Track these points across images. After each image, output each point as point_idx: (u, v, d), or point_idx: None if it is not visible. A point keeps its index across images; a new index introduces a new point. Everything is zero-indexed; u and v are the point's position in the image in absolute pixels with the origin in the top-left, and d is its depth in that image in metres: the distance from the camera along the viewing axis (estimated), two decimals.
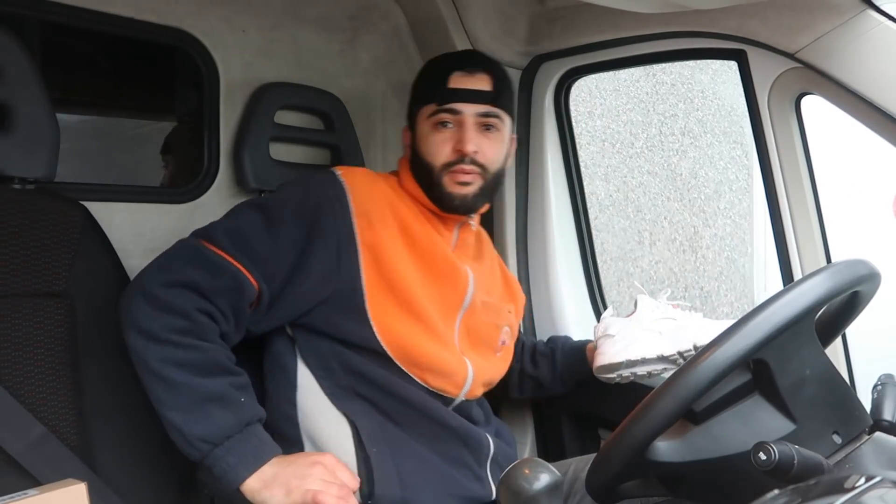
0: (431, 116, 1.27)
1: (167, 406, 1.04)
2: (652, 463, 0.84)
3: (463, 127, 1.26)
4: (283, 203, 1.18)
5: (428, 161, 1.27)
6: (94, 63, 2.04)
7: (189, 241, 1.15)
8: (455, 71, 1.28)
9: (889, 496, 0.63)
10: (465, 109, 1.26)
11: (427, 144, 1.28)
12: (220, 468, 1.03)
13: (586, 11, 1.52)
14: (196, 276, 1.08)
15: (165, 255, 1.13)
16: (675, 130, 4.50)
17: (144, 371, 1.05)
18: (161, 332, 1.05)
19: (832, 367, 0.88)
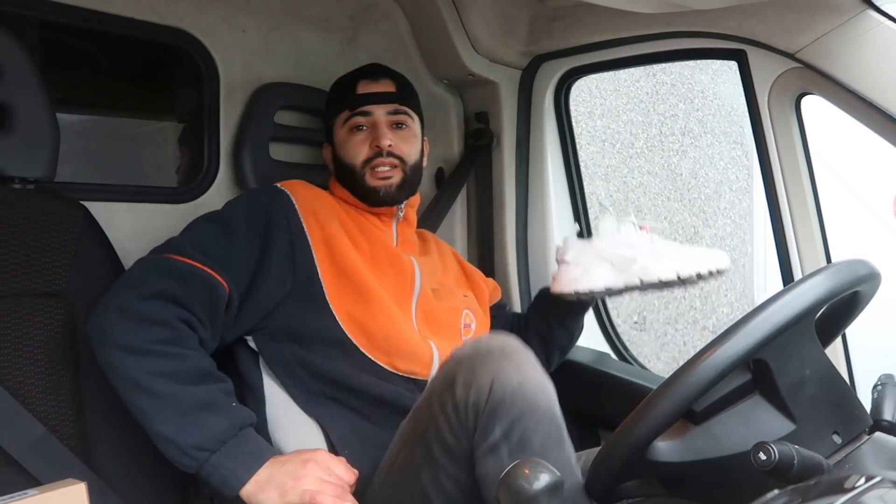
0: (346, 122, 1.37)
1: (156, 420, 1.03)
2: (652, 463, 0.84)
3: (376, 126, 1.36)
4: (234, 212, 1.23)
5: (349, 162, 1.36)
6: (94, 63, 2.03)
7: (151, 257, 1.15)
8: (361, 80, 1.40)
9: (889, 496, 0.63)
10: (375, 110, 1.37)
11: (346, 148, 1.37)
12: (219, 475, 1.02)
13: (586, 11, 1.52)
14: (169, 286, 1.08)
15: (130, 275, 1.12)
16: (676, 131, 4.50)
17: (127, 387, 1.03)
18: (143, 344, 1.04)
19: (832, 367, 0.88)
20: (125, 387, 1.04)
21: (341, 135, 1.39)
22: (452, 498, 1.02)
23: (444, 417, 0.99)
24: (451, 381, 0.98)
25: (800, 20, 1.21)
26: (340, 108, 1.39)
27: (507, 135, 1.75)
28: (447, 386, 0.99)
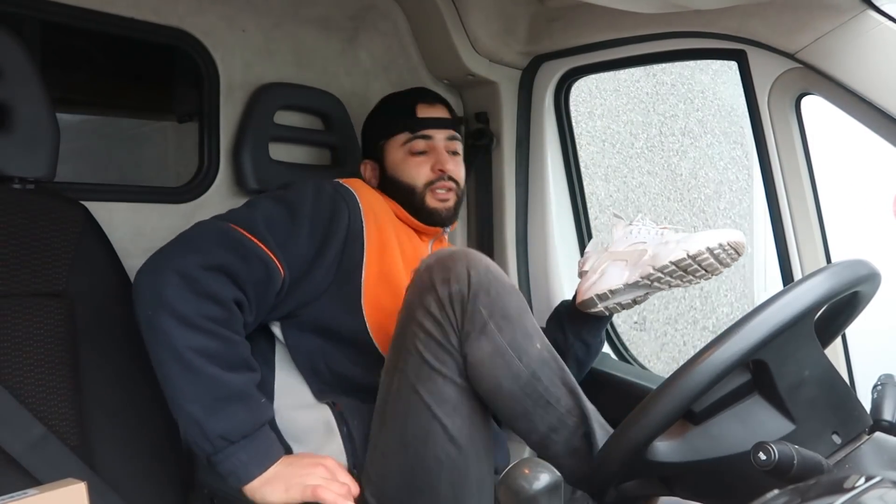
0: (406, 144, 1.41)
1: (187, 397, 1.03)
2: (651, 463, 0.84)
3: (436, 150, 1.41)
4: (302, 199, 1.22)
5: (409, 183, 1.39)
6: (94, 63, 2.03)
7: (217, 223, 1.13)
8: (419, 102, 1.44)
9: (889, 496, 0.63)
10: (435, 135, 1.41)
11: (405, 169, 1.40)
12: (230, 465, 1.03)
13: (586, 11, 1.52)
14: (231, 261, 1.07)
15: (192, 236, 1.10)
16: (676, 131, 4.50)
17: (167, 355, 1.03)
18: (196, 318, 1.03)
19: (831, 367, 0.88)
20: (164, 354, 1.03)
21: (397, 155, 1.41)
22: (454, 403, 1.06)
23: (431, 320, 1.05)
24: (428, 285, 1.06)
25: (800, 20, 1.21)
26: (398, 129, 1.42)
27: (507, 135, 1.75)
28: (426, 290, 1.06)
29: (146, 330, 1.04)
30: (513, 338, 1.05)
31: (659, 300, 4.18)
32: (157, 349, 1.04)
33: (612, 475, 0.84)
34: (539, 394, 1.05)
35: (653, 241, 1.28)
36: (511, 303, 1.07)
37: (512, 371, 1.04)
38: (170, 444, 1.25)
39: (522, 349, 1.05)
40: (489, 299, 1.05)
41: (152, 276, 1.04)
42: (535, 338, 1.08)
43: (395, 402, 1.08)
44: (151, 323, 1.03)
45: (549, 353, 1.09)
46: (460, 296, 1.04)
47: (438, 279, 1.06)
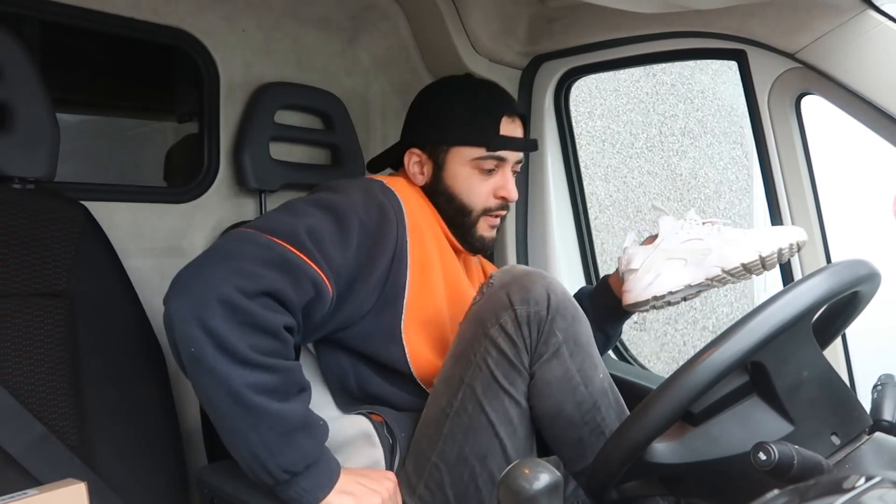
0: (478, 160, 1.25)
1: (247, 436, 0.95)
2: (650, 464, 0.84)
3: (504, 173, 1.28)
4: (350, 206, 1.11)
5: (466, 203, 1.26)
6: (94, 63, 2.04)
7: (255, 236, 1.00)
8: (504, 115, 1.27)
9: (889, 496, 0.63)
10: (509, 157, 1.27)
11: (468, 186, 1.26)
12: (294, 493, 0.99)
13: (586, 11, 1.52)
14: (280, 285, 0.97)
15: (231, 252, 0.98)
16: (675, 131, 4.50)
17: (222, 394, 0.93)
18: (248, 354, 0.93)
19: (830, 368, 0.88)
20: (217, 393, 0.93)
21: (463, 169, 1.26)
22: (515, 424, 1.06)
23: (505, 338, 1.03)
24: (505, 303, 1.04)
25: (800, 20, 1.21)
26: (476, 141, 1.25)
27: None
28: (502, 308, 1.04)
29: (191, 365, 0.93)
30: (582, 365, 1.05)
31: None
32: (208, 387, 0.94)
33: (611, 476, 0.84)
34: (596, 423, 1.05)
35: (712, 239, 1.21)
36: (583, 329, 1.07)
37: (577, 398, 1.05)
38: (170, 444, 1.25)
39: (589, 377, 1.05)
40: (566, 323, 1.04)
41: (192, 305, 0.92)
42: (599, 368, 1.08)
43: (459, 415, 1.06)
44: (198, 359, 0.92)
45: (609, 384, 1.08)
46: (538, 317, 1.03)
47: (517, 298, 1.03)
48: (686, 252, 1.22)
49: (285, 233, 1.01)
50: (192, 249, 1.51)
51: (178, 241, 1.50)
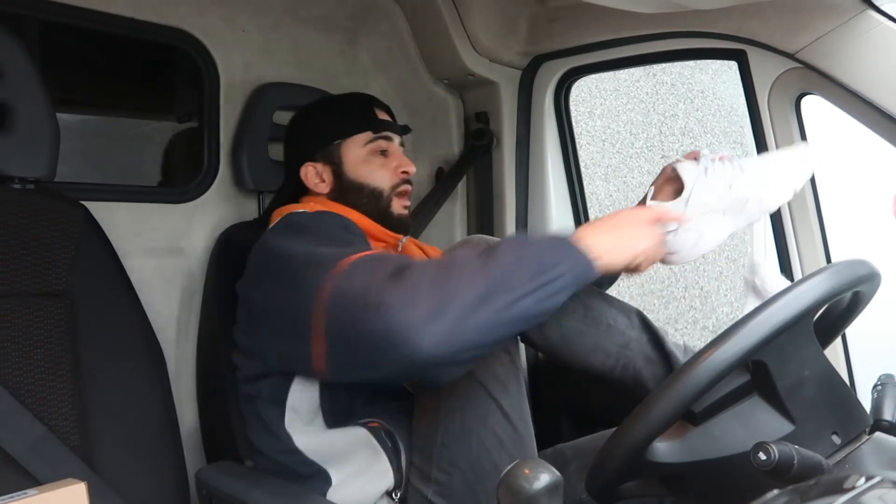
0: (369, 143, 1.34)
1: (513, 294, 0.90)
2: (651, 464, 0.84)
3: (396, 152, 1.37)
4: (340, 228, 1.18)
5: (376, 185, 1.33)
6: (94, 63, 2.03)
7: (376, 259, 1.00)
8: (374, 106, 1.38)
9: (889, 496, 0.63)
10: (394, 138, 1.38)
11: (371, 170, 1.33)
12: (572, 280, 0.96)
13: (586, 11, 1.52)
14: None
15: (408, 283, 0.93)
16: (675, 130, 4.50)
17: (492, 312, 0.89)
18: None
19: (831, 367, 0.88)
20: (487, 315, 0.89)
21: (359, 155, 1.34)
22: (503, 381, 1.07)
23: None
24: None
25: (800, 20, 1.21)
26: (360, 127, 1.34)
27: (507, 135, 1.75)
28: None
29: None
30: None
31: (659, 300, 4.18)
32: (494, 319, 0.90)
33: (612, 475, 0.84)
34: (598, 320, 1.10)
35: (742, 184, 1.13)
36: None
37: (568, 309, 1.07)
38: (170, 444, 1.25)
39: None
40: None
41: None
42: None
43: (451, 391, 1.07)
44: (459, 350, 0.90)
45: (587, 286, 1.08)
46: None
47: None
48: (723, 205, 1.14)
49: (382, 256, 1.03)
50: (191, 249, 1.51)
51: (178, 241, 1.50)
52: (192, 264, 1.50)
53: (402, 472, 1.12)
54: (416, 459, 1.11)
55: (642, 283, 4.13)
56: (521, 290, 0.91)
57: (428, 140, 1.83)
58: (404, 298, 0.89)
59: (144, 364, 1.25)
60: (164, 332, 1.38)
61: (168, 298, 1.48)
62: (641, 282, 4.13)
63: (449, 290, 0.89)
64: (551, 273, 0.93)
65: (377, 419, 1.16)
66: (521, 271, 0.92)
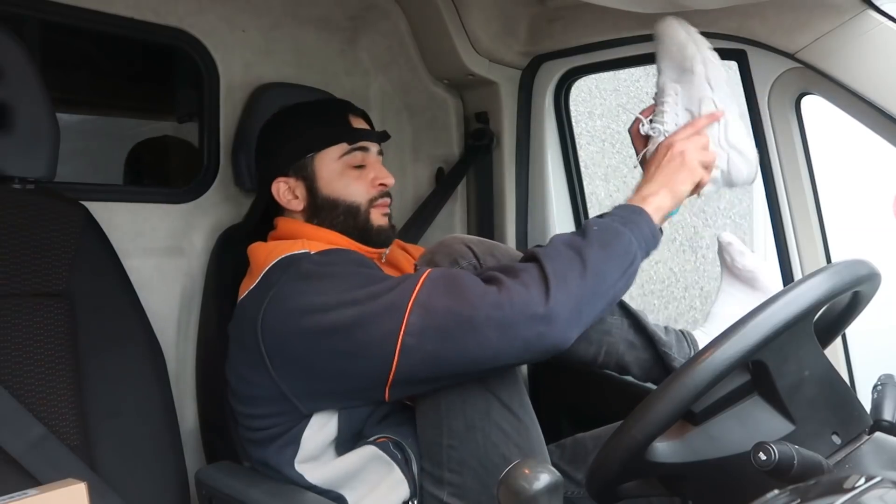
0: (344, 156, 1.27)
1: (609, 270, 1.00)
2: (651, 464, 0.84)
3: (372, 163, 1.30)
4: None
5: (352, 200, 1.26)
6: (94, 63, 2.04)
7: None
8: (349, 113, 1.31)
9: (889, 496, 0.63)
10: (371, 148, 1.30)
11: (346, 184, 1.27)
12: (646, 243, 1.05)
13: (586, 11, 1.52)
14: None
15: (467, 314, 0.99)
16: None
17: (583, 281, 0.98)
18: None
19: (831, 367, 0.88)
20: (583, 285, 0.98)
21: (334, 169, 1.27)
22: (496, 373, 1.07)
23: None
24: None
25: (800, 20, 1.21)
26: (334, 139, 1.27)
27: (507, 135, 1.75)
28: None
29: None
30: None
31: (659, 300, 4.18)
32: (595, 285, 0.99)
33: (612, 475, 0.84)
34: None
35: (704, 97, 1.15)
36: (512, 253, 1.15)
37: None
38: (170, 444, 1.25)
39: None
40: (496, 259, 1.11)
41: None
42: None
43: (450, 391, 1.07)
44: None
45: None
46: (472, 267, 1.09)
47: (447, 263, 1.10)
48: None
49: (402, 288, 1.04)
50: (191, 249, 1.51)
51: (178, 241, 1.50)
52: (192, 264, 1.50)
53: (415, 480, 1.11)
54: (426, 465, 1.11)
55: (642, 283, 4.13)
56: (615, 284, 1.01)
57: (428, 140, 1.83)
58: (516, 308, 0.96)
59: (144, 364, 1.25)
60: (164, 332, 1.38)
61: (168, 298, 1.48)
62: (641, 282, 4.13)
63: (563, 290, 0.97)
64: (632, 259, 1.02)
65: (384, 434, 1.15)
66: (612, 264, 1.00)
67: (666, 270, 4.36)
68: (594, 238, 1.01)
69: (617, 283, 1.01)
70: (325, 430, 1.14)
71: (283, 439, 1.14)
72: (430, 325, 0.98)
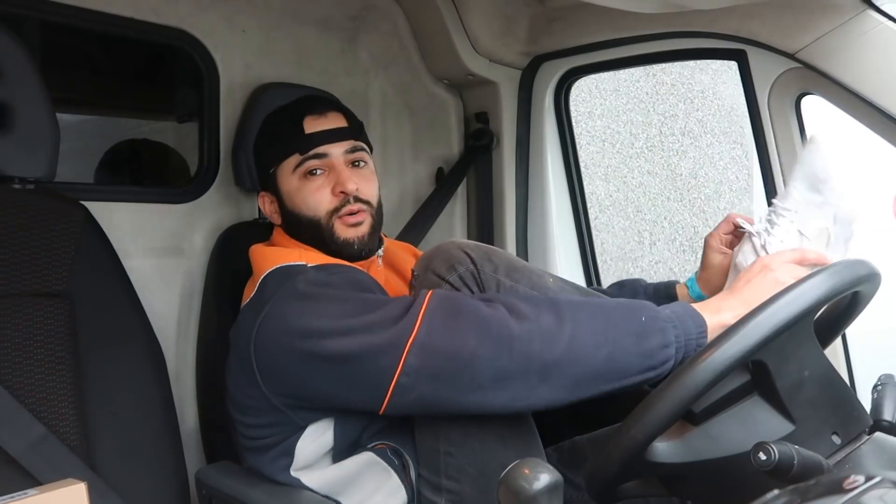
0: (298, 168, 1.21)
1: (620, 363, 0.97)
2: (651, 464, 0.84)
3: (336, 169, 1.21)
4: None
5: (310, 215, 1.21)
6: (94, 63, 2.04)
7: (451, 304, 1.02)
8: (306, 115, 1.23)
9: (889, 496, 0.63)
10: (331, 151, 1.21)
11: (302, 198, 1.21)
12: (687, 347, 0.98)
13: (586, 11, 1.52)
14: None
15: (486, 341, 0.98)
16: (675, 130, 4.50)
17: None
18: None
19: (831, 367, 0.88)
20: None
21: (291, 183, 1.22)
22: None
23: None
24: (436, 281, 1.06)
25: (800, 20, 1.21)
26: (287, 151, 1.22)
27: (507, 135, 1.75)
28: (436, 287, 1.05)
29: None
30: (530, 282, 1.09)
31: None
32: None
33: (612, 476, 0.84)
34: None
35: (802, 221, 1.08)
36: (509, 257, 1.12)
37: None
38: (170, 444, 1.25)
39: (543, 287, 1.10)
40: (493, 264, 1.08)
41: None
42: (544, 275, 1.13)
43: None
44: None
45: (561, 281, 1.14)
46: (470, 274, 1.07)
47: (443, 270, 1.07)
48: (800, 239, 1.08)
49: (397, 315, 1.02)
50: (191, 249, 1.51)
51: (178, 241, 1.50)
52: (192, 264, 1.51)
53: (413, 486, 1.11)
54: (423, 472, 1.10)
55: None
56: (631, 378, 0.98)
57: (428, 140, 1.83)
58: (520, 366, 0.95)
59: (144, 364, 1.25)
60: (164, 332, 1.38)
61: (168, 298, 1.48)
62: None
63: (562, 366, 0.96)
64: (660, 362, 0.97)
65: (381, 441, 1.14)
66: (634, 360, 0.97)
67: (666, 270, 4.36)
68: (631, 325, 0.97)
69: (633, 378, 0.97)
70: (321, 440, 1.13)
71: (278, 449, 1.14)
72: (427, 368, 0.97)
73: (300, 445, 1.13)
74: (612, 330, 0.97)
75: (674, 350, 0.97)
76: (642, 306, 1.01)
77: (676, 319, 0.98)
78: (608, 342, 0.96)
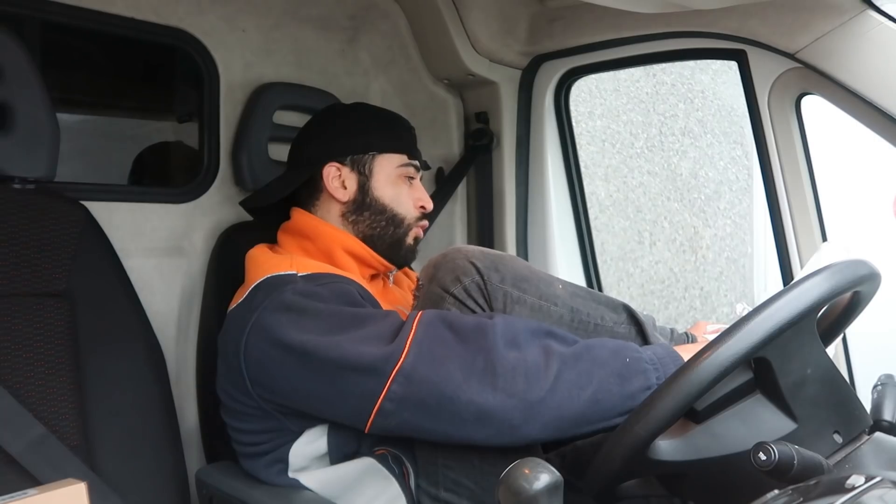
0: (402, 167, 1.28)
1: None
2: (653, 462, 0.84)
3: (416, 186, 1.30)
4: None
5: (399, 212, 1.27)
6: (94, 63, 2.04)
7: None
8: (412, 129, 1.33)
9: (889, 496, 0.63)
10: (419, 172, 1.32)
11: (397, 194, 1.27)
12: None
13: (586, 11, 1.52)
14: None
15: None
16: (676, 131, 4.50)
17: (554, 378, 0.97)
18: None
19: (833, 366, 0.88)
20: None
21: (389, 174, 1.27)
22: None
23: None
24: (441, 293, 1.05)
25: (800, 20, 1.21)
26: (397, 147, 1.28)
27: (507, 135, 1.75)
28: (440, 299, 1.05)
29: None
30: (538, 291, 1.08)
31: (659, 300, 4.18)
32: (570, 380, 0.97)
33: (613, 474, 0.84)
34: (587, 322, 1.09)
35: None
36: (517, 266, 1.10)
37: (554, 318, 1.07)
38: (170, 444, 1.25)
39: (551, 296, 1.08)
40: (500, 274, 1.06)
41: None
42: (554, 282, 1.11)
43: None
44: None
45: (571, 286, 1.12)
46: (476, 286, 1.05)
47: (449, 281, 1.06)
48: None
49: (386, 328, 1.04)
50: (192, 249, 1.51)
51: (178, 241, 1.50)
52: (192, 264, 1.50)
53: (413, 496, 1.10)
54: (422, 483, 1.09)
55: (643, 283, 4.13)
56: (612, 419, 0.97)
57: (428, 140, 1.83)
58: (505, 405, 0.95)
59: (144, 364, 1.25)
60: (164, 332, 1.38)
61: (168, 298, 1.47)
62: (642, 282, 4.13)
63: (547, 404, 0.95)
64: (639, 400, 0.96)
65: (382, 447, 1.13)
66: (618, 401, 0.97)
67: (666, 270, 4.36)
68: (615, 365, 0.98)
69: (612, 420, 0.97)
70: (315, 445, 1.12)
71: (271, 456, 1.13)
72: (411, 398, 0.97)
73: (293, 451, 1.12)
74: (598, 370, 0.97)
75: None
76: (625, 347, 1.02)
77: (658, 361, 0.99)
78: (592, 383, 0.96)
